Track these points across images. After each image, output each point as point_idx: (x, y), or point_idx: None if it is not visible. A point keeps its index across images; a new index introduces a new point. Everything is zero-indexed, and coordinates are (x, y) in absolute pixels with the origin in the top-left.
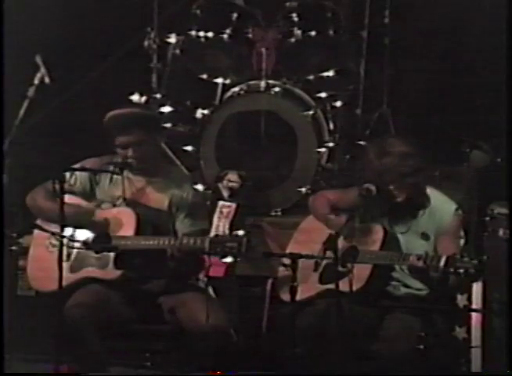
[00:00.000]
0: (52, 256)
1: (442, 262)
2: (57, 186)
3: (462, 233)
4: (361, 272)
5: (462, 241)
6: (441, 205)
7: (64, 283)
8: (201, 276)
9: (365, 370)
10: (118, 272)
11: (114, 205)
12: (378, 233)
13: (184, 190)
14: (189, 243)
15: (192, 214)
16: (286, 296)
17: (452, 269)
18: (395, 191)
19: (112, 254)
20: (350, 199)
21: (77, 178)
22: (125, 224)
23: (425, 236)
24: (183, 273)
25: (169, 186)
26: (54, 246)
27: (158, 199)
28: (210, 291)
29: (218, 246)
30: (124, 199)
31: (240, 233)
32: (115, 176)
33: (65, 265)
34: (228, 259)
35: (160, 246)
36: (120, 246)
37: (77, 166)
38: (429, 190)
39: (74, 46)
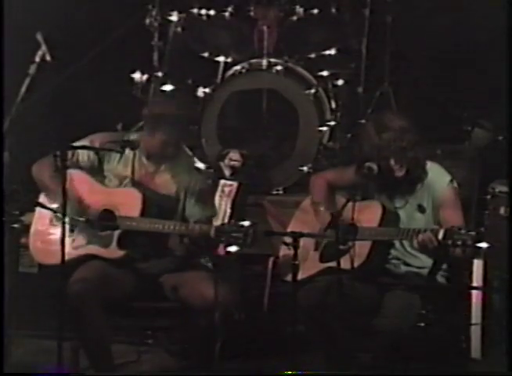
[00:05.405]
0: (55, 229)
1: (441, 235)
2: (59, 163)
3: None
4: (361, 249)
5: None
6: (436, 177)
7: (66, 258)
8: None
9: (366, 347)
10: (121, 252)
11: (121, 184)
12: (377, 209)
13: (192, 177)
14: (194, 230)
15: (202, 200)
16: (287, 274)
17: (450, 242)
18: (396, 166)
19: (116, 234)
20: (350, 178)
21: (84, 153)
22: (130, 207)
23: (421, 209)
24: (192, 256)
25: (177, 172)
26: (58, 220)
27: (166, 184)
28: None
29: (223, 235)
30: (132, 180)
31: (246, 223)
32: (124, 155)
33: (68, 240)
34: (233, 248)
35: (165, 230)
36: (125, 226)
37: (85, 140)
38: (428, 164)
39: (75, 24)
